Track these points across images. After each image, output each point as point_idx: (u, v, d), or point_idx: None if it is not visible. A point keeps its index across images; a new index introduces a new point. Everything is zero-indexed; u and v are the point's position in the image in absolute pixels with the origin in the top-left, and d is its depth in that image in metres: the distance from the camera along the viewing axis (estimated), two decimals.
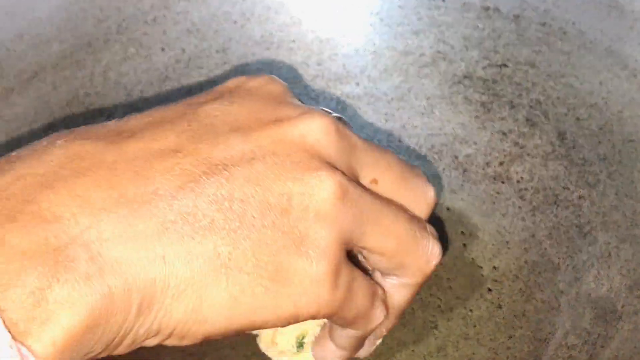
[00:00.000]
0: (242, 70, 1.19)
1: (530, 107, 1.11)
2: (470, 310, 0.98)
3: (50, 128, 1.05)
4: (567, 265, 1.00)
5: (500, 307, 0.98)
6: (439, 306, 0.99)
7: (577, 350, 0.89)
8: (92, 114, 1.09)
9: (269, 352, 0.90)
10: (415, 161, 1.15)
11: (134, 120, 0.73)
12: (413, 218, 0.79)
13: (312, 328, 0.88)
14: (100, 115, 1.10)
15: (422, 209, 0.81)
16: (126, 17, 1.14)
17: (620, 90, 1.04)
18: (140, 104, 1.14)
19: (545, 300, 0.98)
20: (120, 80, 1.13)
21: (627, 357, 0.82)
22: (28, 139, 1.01)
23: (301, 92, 1.20)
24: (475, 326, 0.97)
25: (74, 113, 1.08)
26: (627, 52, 1.04)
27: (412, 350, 0.95)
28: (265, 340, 0.90)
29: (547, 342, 0.94)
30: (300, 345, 0.88)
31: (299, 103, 0.80)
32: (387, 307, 0.79)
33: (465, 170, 1.13)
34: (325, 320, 0.88)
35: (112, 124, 0.73)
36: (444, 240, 1.04)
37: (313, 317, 0.72)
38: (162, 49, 1.16)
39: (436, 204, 0.85)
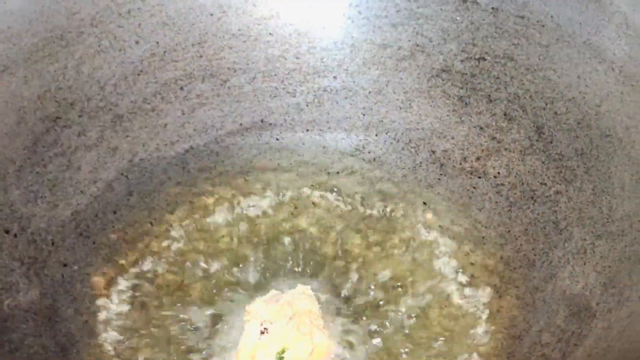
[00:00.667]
0: (217, 64, 1.17)
1: (509, 101, 1.10)
2: (445, 306, 0.97)
3: (20, 122, 1.03)
4: (543, 262, 0.99)
5: (475, 303, 0.97)
6: (416, 304, 0.97)
7: (550, 349, 0.88)
8: (64, 108, 1.08)
9: None
10: (392, 155, 1.14)
11: None
12: None
13: (292, 345, 0.87)
14: (72, 109, 1.08)
15: None
16: (100, 9, 1.12)
17: (598, 84, 1.03)
18: (114, 98, 1.12)
19: (520, 297, 0.97)
20: (94, 74, 1.11)
21: (600, 356, 0.81)
22: None
23: (278, 86, 1.19)
24: (450, 321, 0.95)
25: (45, 107, 1.06)
26: (605, 45, 1.03)
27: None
28: (244, 354, 0.88)
29: (521, 340, 0.93)
30: (281, 359, 0.87)
31: None
32: None
33: (442, 165, 1.12)
34: (308, 338, 0.88)
35: None
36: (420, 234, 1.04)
37: None
38: (137, 42, 1.14)
39: None
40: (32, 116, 1.05)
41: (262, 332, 0.88)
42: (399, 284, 0.99)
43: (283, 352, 0.87)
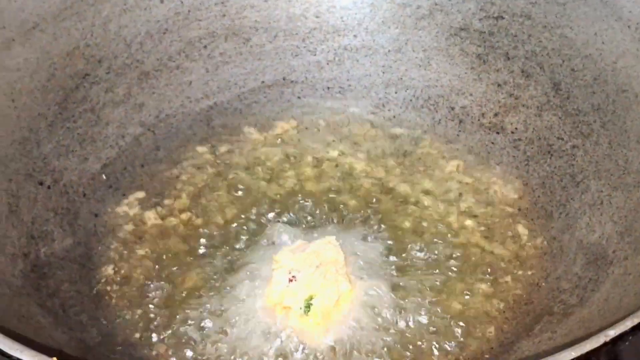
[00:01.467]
0: (239, 23, 1.20)
1: (526, 58, 1.12)
2: (466, 255, 1.00)
3: (51, 79, 1.06)
4: (560, 213, 1.02)
5: (493, 252, 1.00)
6: (436, 253, 1.00)
7: (567, 294, 0.91)
8: (92, 65, 1.11)
9: (276, 310, 0.91)
10: (411, 112, 1.17)
11: None
12: None
13: (319, 292, 0.90)
14: (100, 66, 1.11)
15: None
16: None
17: (614, 41, 1.05)
18: (140, 55, 1.15)
19: (538, 247, 1.00)
20: (120, 32, 1.14)
21: (616, 300, 0.84)
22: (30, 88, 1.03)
23: (299, 45, 1.21)
24: (469, 272, 0.98)
25: (74, 64, 1.09)
26: (622, 3, 1.05)
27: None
28: (272, 301, 0.92)
29: (539, 286, 0.96)
30: (308, 307, 0.90)
31: None
32: None
33: (461, 121, 1.15)
34: (334, 286, 0.91)
35: None
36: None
37: None
38: (162, 1, 1.17)
39: None
40: (62, 73, 1.08)
41: (290, 280, 0.91)
42: (419, 236, 1.02)
43: (311, 298, 0.90)
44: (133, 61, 1.14)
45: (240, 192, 1.08)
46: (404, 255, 0.99)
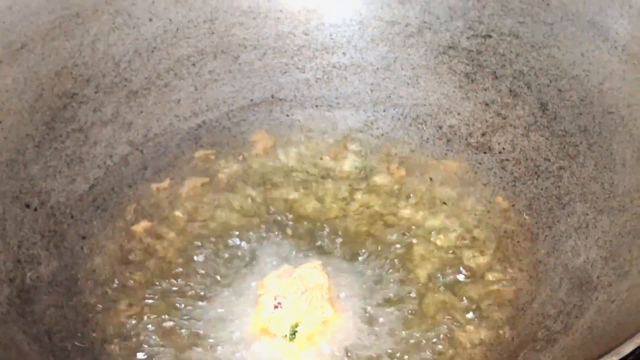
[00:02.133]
0: (228, 41, 1.20)
1: (514, 77, 1.13)
2: (450, 278, 1.00)
3: (39, 99, 1.06)
4: (546, 236, 1.02)
5: (482, 276, 1.00)
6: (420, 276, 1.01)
7: (552, 320, 0.92)
8: (80, 84, 1.11)
9: (261, 337, 0.92)
10: (399, 131, 1.17)
11: None
12: None
13: (305, 318, 0.91)
14: (88, 85, 1.11)
15: None
16: None
17: (601, 62, 1.05)
18: (128, 74, 1.15)
19: (524, 270, 1.00)
20: (109, 50, 1.14)
21: (600, 329, 0.84)
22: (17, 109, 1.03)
23: (288, 62, 1.21)
24: (455, 294, 0.99)
25: (62, 83, 1.09)
26: (609, 24, 1.05)
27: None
28: (258, 327, 0.92)
29: (525, 311, 0.96)
30: (293, 334, 0.91)
31: None
32: None
33: (448, 140, 1.15)
34: (320, 312, 0.91)
35: None
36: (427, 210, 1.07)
37: None
38: (150, 19, 1.17)
39: None
40: (50, 93, 1.08)
41: (276, 307, 0.91)
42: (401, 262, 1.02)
43: (296, 325, 0.90)
44: (121, 80, 1.14)
45: (228, 212, 1.08)
46: (382, 281, 0.98)
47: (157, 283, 1.00)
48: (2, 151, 1.01)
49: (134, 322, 0.97)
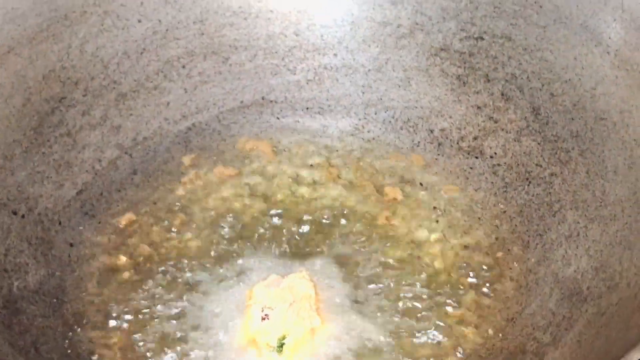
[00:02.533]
0: (218, 42, 1.19)
1: (506, 81, 1.12)
2: (443, 285, 1.00)
3: (27, 103, 1.05)
4: (537, 244, 1.01)
5: (471, 285, 0.99)
6: (412, 284, 1.00)
7: (541, 332, 0.91)
8: (68, 87, 1.10)
9: (248, 347, 0.91)
10: (390, 134, 1.16)
11: None
12: None
13: (292, 330, 0.90)
14: (77, 88, 1.10)
15: None
16: None
17: (594, 67, 1.04)
18: (117, 76, 1.14)
19: (514, 279, 1.00)
20: (97, 52, 1.13)
21: (589, 343, 0.84)
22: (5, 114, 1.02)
23: (279, 64, 1.20)
24: (443, 300, 0.98)
25: (50, 87, 1.08)
26: (602, 28, 1.04)
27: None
28: (246, 339, 0.91)
29: (515, 322, 0.95)
30: (280, 346, 0.90)
31: None
32: None
33: (440, 144, 1.14)
34: (307, 323, 0.91)
35: None
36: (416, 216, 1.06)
37: None
38: (139, 21, 1.16)
39: None
40: (37, 97, 1.07)
41: (263, 318, 0.90)
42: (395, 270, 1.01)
43: (284, 338, 0.90)
44: (110, 82, 1.13)
45: (217, 217, 1.07)
46: (372, 286, 0.98)
47: (146, 290, 0.99)
48: None
49: (123, 332, 0.96)
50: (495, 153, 1.10)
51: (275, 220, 1.07)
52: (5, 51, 1.05)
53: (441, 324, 0.95)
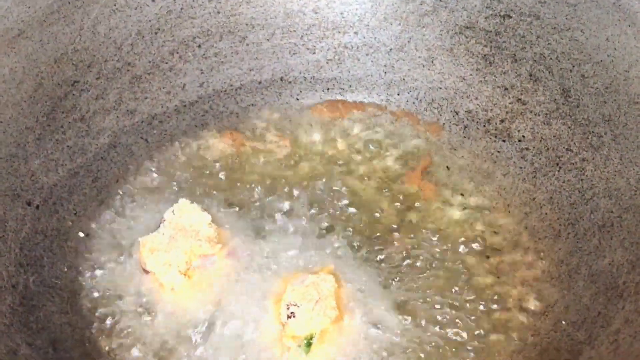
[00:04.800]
0: (235, 20, 1.15)
1: (534, 61, 1.08)
2: (469, 277, 0.96)
3: (39, 88, 1.01)
4: (568, 233, 0.98)
5: (498, 276, 0.96)
6: (438, 276, 0.97)
7: (575, 328, 0.88)
8: (81, 71, 1.06)
9: (274, 349, 0.88)
10: (414, 116, 1.12)
11: None
12: None
13: (320, 328, 0.87)
14: (90, 72, 1.06)
15: None
16: None
17: (627, 48, 1.00)
18: (131, 58, 1.10)
19: (545, 270, 0.97)
20: (110, 34, 1.09)
21: (627, 342, 0.81)
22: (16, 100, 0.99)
23: (297, 42, 1.16)
24: (472, 296, 0.95)
25: (63, 71, 1.04)
26: (635, 7, 1.00)
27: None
28: (271, 335, 0.89)
29: (546, 316, 0.92)
30: (308, 345, 0.87)
31: None
32: None
33: (465, 127, 1.11)
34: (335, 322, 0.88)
35: None
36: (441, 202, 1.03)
37: None
38: (153, 0, 1.11)
39: None
40: (49, 81, 1.03)
41: (289, 317, 0.88)
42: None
43: (311, 337, 0.87)
44: (124, 64, 1.09)
45: (242, 199, 1.04)
46: (398, 279, 0.95)
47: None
48: (1, 146, 0.96)
49: (146, 324, 0.93)
50: (524, 136, 1.06)
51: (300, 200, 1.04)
52: (16, 34, 1.01)
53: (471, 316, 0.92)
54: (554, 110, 1.05)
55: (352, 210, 1.03)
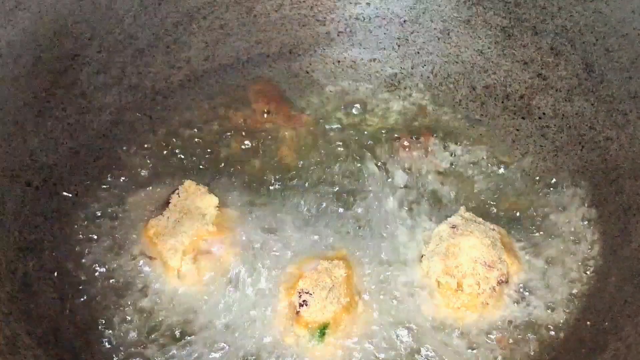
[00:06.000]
0: None
1: (555, 34, 1.03)
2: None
3: (37, 63, 0.97)
4: (592, 216, 0.94)
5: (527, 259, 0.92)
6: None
7: (600, 317, 0.84)
8: (81, 44, 1.01)
9: (286, 340, 0.84)
10: (429, 91, 1.08)
11: None
12: None
13: (334, 317, 0.83)
14: (91, 45, 1.02)
15: None
16: None
17: None
18: (134, 30, 1.05)
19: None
20: (112, 5, 1.04)
21: None
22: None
23: (307, 14, 1.11)
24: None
25: (62, 44, 1.00)
26: None
27: None
28: (284, 328, 0.85)
29: (570, 302, 0.89)
30: (322, 335, 0.83)
31: None
32: None
33: (483, 103, 1.06)
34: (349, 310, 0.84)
35: None
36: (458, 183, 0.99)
37: None
38: None
39: None
40: (48, 55, 0.99)
41: (301, 305, 0.84)
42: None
43: (325, 327, 0.83)
44: (126, 37, 1.05)
45: (252, 180, 1.00)
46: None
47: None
48: None
49: (151, 311, 0.89)
50: (544, 113, 1.02)
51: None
52: (12, 6, 0.96)
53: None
54: (576, 86, 1.00)
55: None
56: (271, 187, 0.98)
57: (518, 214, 0.96)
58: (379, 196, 0.97)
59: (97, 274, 0.92)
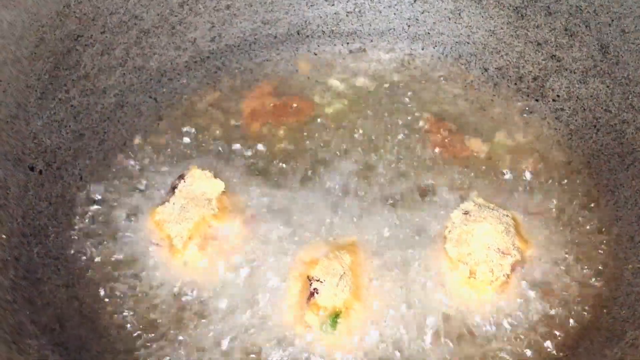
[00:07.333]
0: None
1: (570, 14, 1.00)
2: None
3: (40, 44, 0.95)
4: (608, 201, 0.92)
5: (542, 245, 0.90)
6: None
7: (618, 305, 0.82)
8: (85, 24, 0.99)
9: (297, 329, 0.83)
10: (440, 72, 1.05)
11: None
12: None
13: (346, 305, 0.81)
14: (94, 25, 0.99)
15: None
16: None
17: None
18: (139, 10, 1.03)
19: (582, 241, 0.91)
20: None
21: None
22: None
23: None
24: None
25: (66, 25, 0.97)
26: None
27: None
28: (295, 317, 0.83)
29: (585, 290, 0.87)
30: (334, 323, 0.81)
31: None
32: None
33: (495, 85, 1.04)
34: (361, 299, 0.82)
35: None
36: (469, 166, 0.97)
37: None
38: None
39: None
40: (51, 36, 0.96)
41: (312, 293, 0.82)
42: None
43: (337, 315, 0.81)
44: (130, 17, 1.02)
45: (259, 164, 0.98)
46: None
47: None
48: (0, 106, 0.90)
49: (157, 299, 0.87)
50: (558, 96, 0.99)
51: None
52: None
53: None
54: (591, 67, 0.98)
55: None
56: (278, 172, 0.96)
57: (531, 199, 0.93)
58: (392, 183, 0.95)
59: (102, 260, 0.90)
